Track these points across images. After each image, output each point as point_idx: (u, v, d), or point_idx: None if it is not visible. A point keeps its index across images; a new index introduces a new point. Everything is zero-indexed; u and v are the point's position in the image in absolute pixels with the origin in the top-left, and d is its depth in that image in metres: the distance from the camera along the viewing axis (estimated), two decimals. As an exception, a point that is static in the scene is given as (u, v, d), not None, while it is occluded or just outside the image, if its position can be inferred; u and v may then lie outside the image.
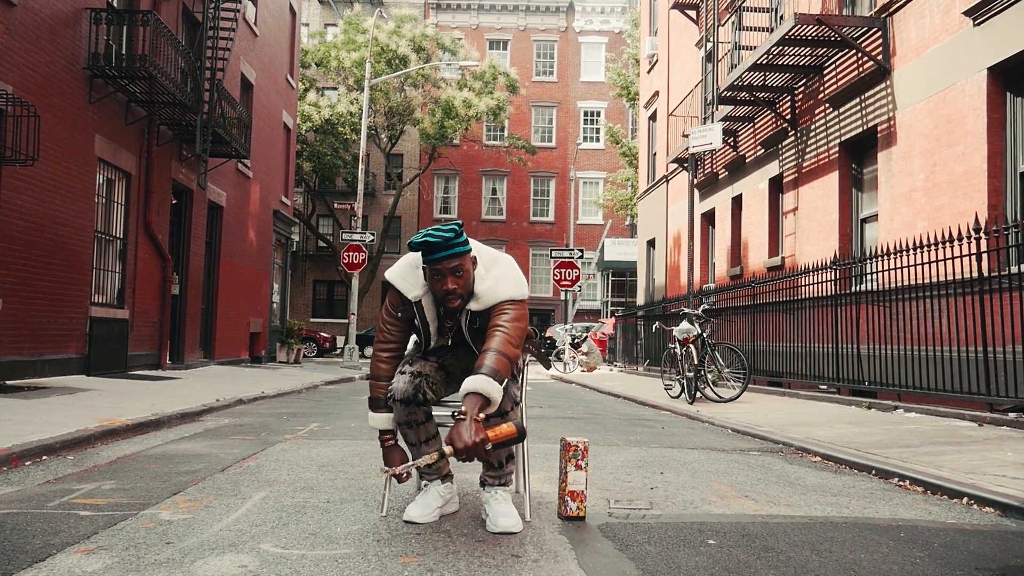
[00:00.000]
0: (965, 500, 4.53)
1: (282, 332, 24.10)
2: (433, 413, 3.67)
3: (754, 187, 15.92)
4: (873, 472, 5.56)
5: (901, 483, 5.15)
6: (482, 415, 3.16)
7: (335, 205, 29.17)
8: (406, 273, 3.54)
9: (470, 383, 3.20)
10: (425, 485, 3.74)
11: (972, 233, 8.08)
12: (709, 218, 19.24)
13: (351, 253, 23.48)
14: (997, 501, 4.33)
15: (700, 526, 3.71)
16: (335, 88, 37.87)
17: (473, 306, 3.48)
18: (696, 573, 2.94)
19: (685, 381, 11.36)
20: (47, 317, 10.71)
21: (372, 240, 24.87)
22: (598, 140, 44.04)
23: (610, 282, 40.07)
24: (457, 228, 3.36)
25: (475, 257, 3.48)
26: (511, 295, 3.48)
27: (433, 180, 44.63)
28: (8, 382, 9.51)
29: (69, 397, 8.70)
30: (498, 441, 3.14)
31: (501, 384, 3.24)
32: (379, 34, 33.21)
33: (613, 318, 28.44)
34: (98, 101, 11.82)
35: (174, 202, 15.39)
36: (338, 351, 36.02)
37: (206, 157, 15.74)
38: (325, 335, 36.00)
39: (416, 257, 3.53)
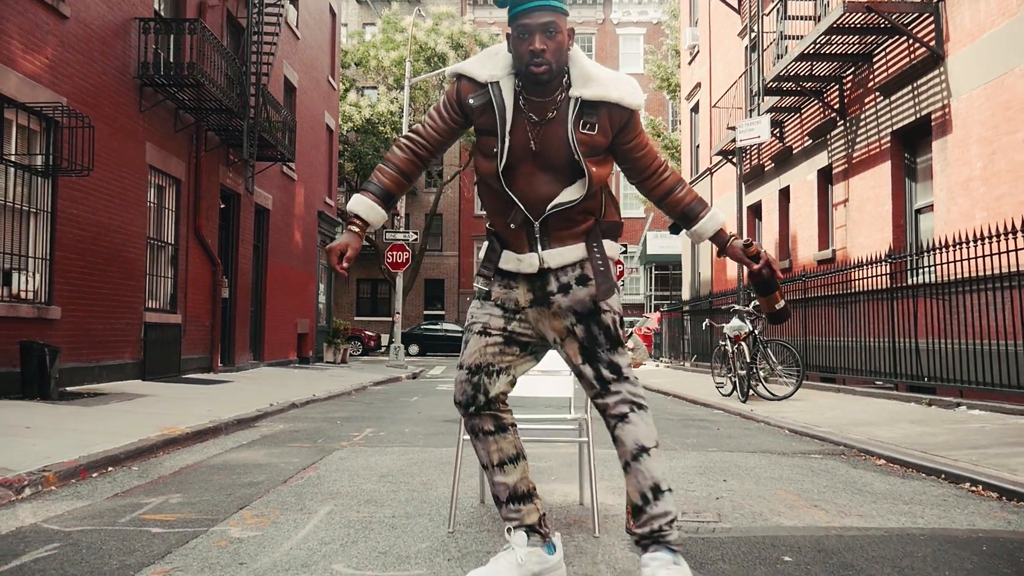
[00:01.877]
0: (1045, 508, 4.39)
1: (328, 332, 24.30)
2: (515, 424, 2.94)
3: (802, 179, 15.65)
4: (943, 476, 5.41)
5: (973, 488, 5.00)
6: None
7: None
8: (480, 58, 2.80)
9: (712, 222, 2.92)
10: (509, 531, 2.88)
11: (1037, 225, 7.83)
12: (755, 211, 18.97)
13: (395, 252, 23.57)
14: (1081, 510, 4.18)
15: (773, 540, 3.63)
16: (375, 87, 38.05)
17: (583, 92, 2.67)
18: (777, 594, 2.86)
19: (737, 379, 11.21)
20: (104, 324, 10.90)
21: (415, 239, 24.97)
22: (638, 132, 43.62)
23: (653, 276, 39.76)
24: None
25: (572, 30, 2.70)
26: (638, 102, 2.74)
27: (474, 177, 44.65)
28: (68, 388, 9.69)
29: (128, 404, 8.83)
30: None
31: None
32: (417, 32, 33.30)
33: (658, 313, 28.23)
34: (148, 109, 11.98)
35: (222, 206, 15.57)
36: (383, 349, 36.28)
37: (253, 162, 15.90)
38: (370, 333, 36.28)
39: (495, 48, 2.80)
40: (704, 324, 14.27)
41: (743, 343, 11.13)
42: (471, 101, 2.72)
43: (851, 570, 3.17)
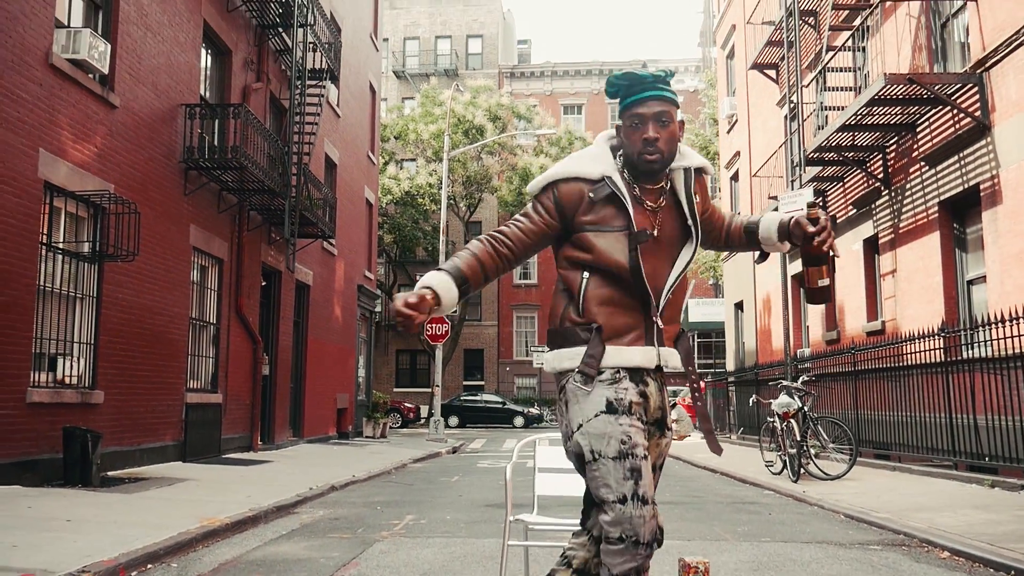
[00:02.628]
0: None
1: (367, 406, 24.31)
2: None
3: (847, 248, 15.48)
4: (1012, 573, 5.17)
5: (1048, 589, 4.76)
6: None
7: (416, 277, 29.75)
8: (582, 159, 2.79)
9: (769, 217, 2.89)
10: None
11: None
12: (801, 281, 18.76)
13: (434, 325, 23.63)
14: None
15: (836, 655, 3.47)
16: (413, 159, 38.79)
17: (684, 162, 2.80)
18: None
19: (787, 458, 10.94)
20: (145, 406, 11.01)
21: (454, 311, 25.06)
22: (677, 199, 43.73)
23: (696, 344, 39.36)
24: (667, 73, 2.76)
25: (683, 122, 2.80)
26: (707, 166, 2.92)
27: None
28: (110, 473, 9.75)
29: (168, 490, 8.85)
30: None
31: None
32: (455, 106, 34.03)
33: (703, 383, 27.84)
34: (192, 192, 12.29)
35: (263, 284, 15.80)
36: (422, 421, 36.19)
37: (294, 240, 16.17)
38: (409, 405, 36.28)
39: (589, 150, 2.83)
40: (751, 400, 14.00)
41: (792, 420, 10.88)
42: (591, 196, 2.69)
43: None
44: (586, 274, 2.70)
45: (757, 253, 3.06)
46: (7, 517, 6.47)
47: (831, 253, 2.80)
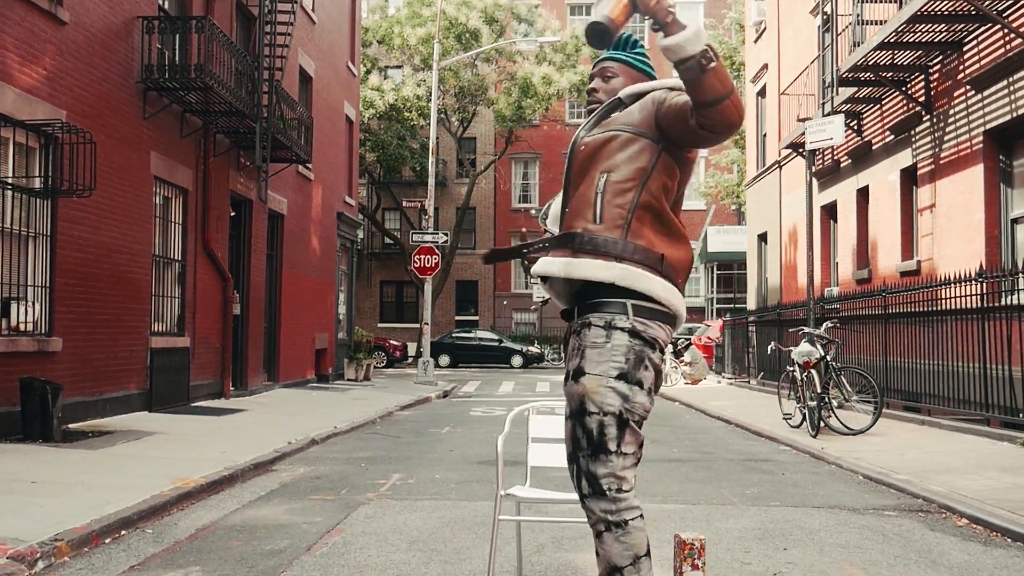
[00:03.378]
0: None
1: (349, 346, 24.75)
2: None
3: (883, 178, 15.66)
4: (1030, 544, 5.56)
5: (1063, 561, 5.14)
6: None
7: (404, 203, 29.84)
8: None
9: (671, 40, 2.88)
10: None
11: None
12: (830, 211, 18.98)
13: (423, 256, 23.92)
14: None
15: (832, 633, 3.84)
16: (399, 67, 38.50)
17: (623, 92, 3.31)
18: None
19: (807, 411, 11.33)
20: (107, 352, 11.35)
21: (445, 241, 25.30)
22: (697, 113, 43.56)
23: (715, 276, 39.76)
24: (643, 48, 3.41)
25: (651, 76, 3.38)
26: (671, 83, 3.19)
27: (511, 166, 44.96)
28: (71, 426, 10.13)
29: (136, 445, 9.24)
30: None
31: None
32: (447, 6, 33.62)
33: (720, 321, 28.27)
34: (153, 116, 12.42)
35: (232, 214, 16.01)
36: (409, 360, 36.73)
37: (267, 168, 16.31)
38: (395, 343, 36.77)
39: None
40: (770, 347, 14.37)
41: (813, 370, 11.25)
42: None
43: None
44: None
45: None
46: (-32, 478, 6.84)
47: None
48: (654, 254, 3.02)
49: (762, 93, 24.54)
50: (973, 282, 11.02)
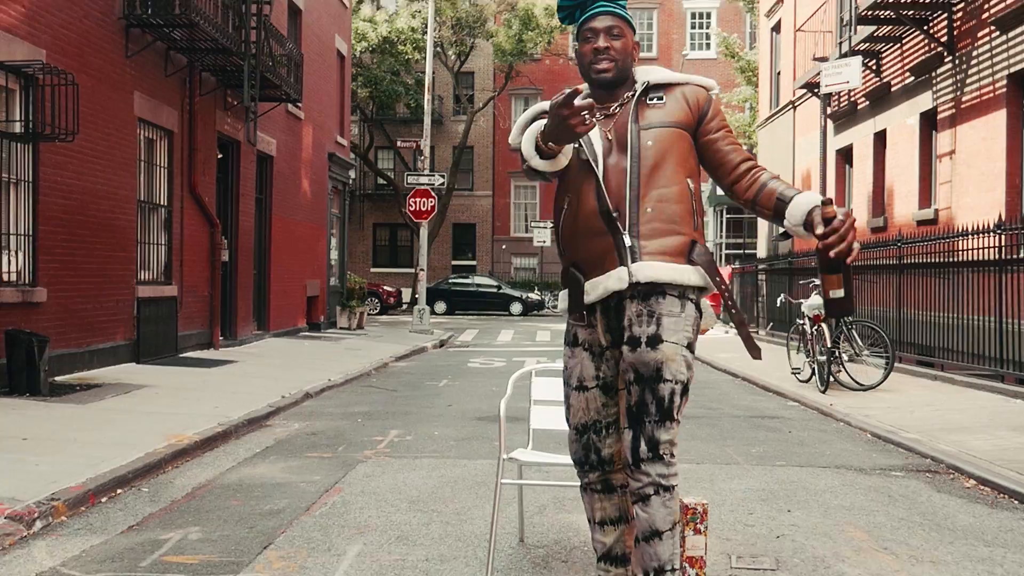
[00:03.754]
0: None
1: (342, 293, 24.93)
2: (625, 485, 3.42)
3: (901, 122, 15.72)
4: (1036, 507, 5.78)
5: (1068, 525, 5.37)
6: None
7: (398, 143, 29.87)
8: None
9: (807, 197, 3.14)
10: None
11: None
12: (846, 156, 19.04)
13: (418, 199, 24.05)
14: None
15: (832, 597, 4.06)
16: (393, -5, 38.15)
17: (649, 77, 3.39)
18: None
19: (816, 365, 11.56)
20: (93, 303, 11.52)
21: (442, 183, 25.36)
22: (708, 48, 43.35)
23: (724, 220, 39.83)
24: None
25: (638, 43, 3.47)
26: (703, 81, 3.45)
27: (511, 102, 44.73)
28: (58, 378, 10.34)
29: (125, 399, 9.46)
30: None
31: None
32: (443, -69, 33.23)
33: (729, 268, 28.45)
34: (136, 54, 12.43)
35: (219, 156, 16.08)
36: (404, 307, 36.97)
37: (255, 107, 16.33)
38: (389, 288, 36.95)
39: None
40: (779, 300, 14.56)
41: (823, 324, 11.45)
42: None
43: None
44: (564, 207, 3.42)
45: (780, 229, 3.62)
46: (-42, 434, 7.06)
47: (846, 260, 3.03)
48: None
49: (776, 28, 24.41)
50: (992, 233, 11.17)
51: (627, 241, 3.22)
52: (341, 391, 11.85)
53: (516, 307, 36.70)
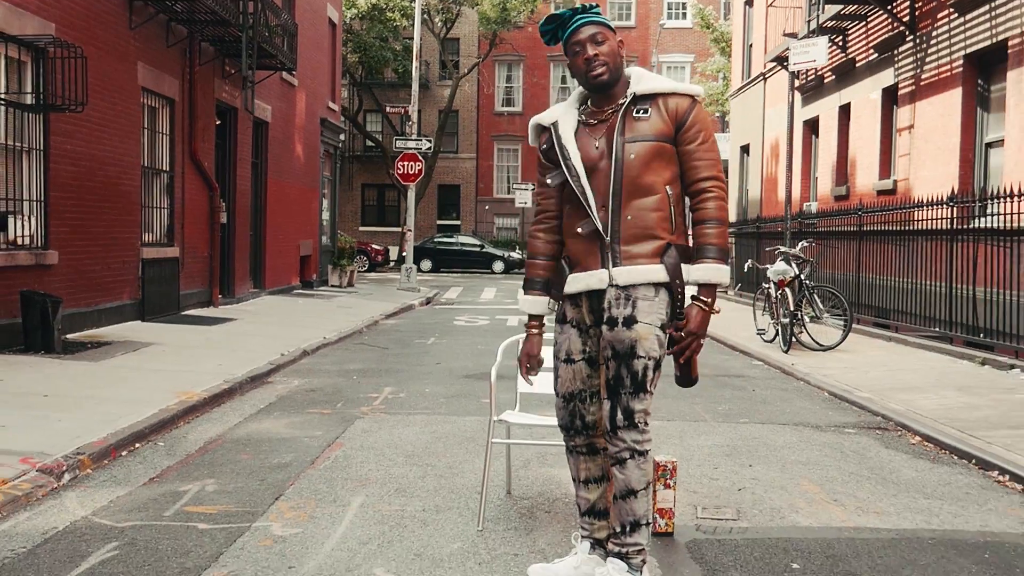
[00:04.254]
0: (1062, 508, 5.07)
1: (333, 252, 25.10)
2: (607, 448, 3.63)
3: (865, 96, 15.96)
4: (973, 462, 6.13)
5: (1000, 478, 5.72)
6: (716, 309, 3.51)
7: (387, 108, 29.83)
8: (551, 108, 3.80)
9: (704, 273, 3.47)
10: (577, 539, 3.84)
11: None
12: (812, 127, 19.28)
13: (406, 163, 24.14)
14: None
15: (786, 544, 4.38)
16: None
17: (637, 87, 3.56)
18: (779, 608, 3.61)
19: (780, 327, 11.88)
20: (101, 265, 11.68)
21: (429, 148, 25.44)
22: (684, 17, 43.28)
23: (697, 184, 40.05)
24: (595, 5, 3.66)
25: (622, 41, 3.63)
26: (688, 89, 3.60)
27: (495, 68, 44.60)
28: (69, 336, 10.53)
29: (135, 357, 9.67)
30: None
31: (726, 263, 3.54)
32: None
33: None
34: (139, 26, 12.47)
35: (218, 123, 16.14)
36: (391, 264, 37.15)
37: (252, 77, 16.37)
38: (377, 247, 37.12)
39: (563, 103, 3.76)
40: (746, 265, 14.86)
41: (787, 289, 11.76)
42: (547, 175, 3.76)
43: (852, 581, 3.92)
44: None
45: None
46: (-17, 391, 7.27)
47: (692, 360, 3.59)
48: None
49: (749, 3, 24.50)
50: (944, 206, 11.48)
51: (609, 245, 3.52)
52: (336, 348, 12.09)
53: (498, 265, 36.96)
